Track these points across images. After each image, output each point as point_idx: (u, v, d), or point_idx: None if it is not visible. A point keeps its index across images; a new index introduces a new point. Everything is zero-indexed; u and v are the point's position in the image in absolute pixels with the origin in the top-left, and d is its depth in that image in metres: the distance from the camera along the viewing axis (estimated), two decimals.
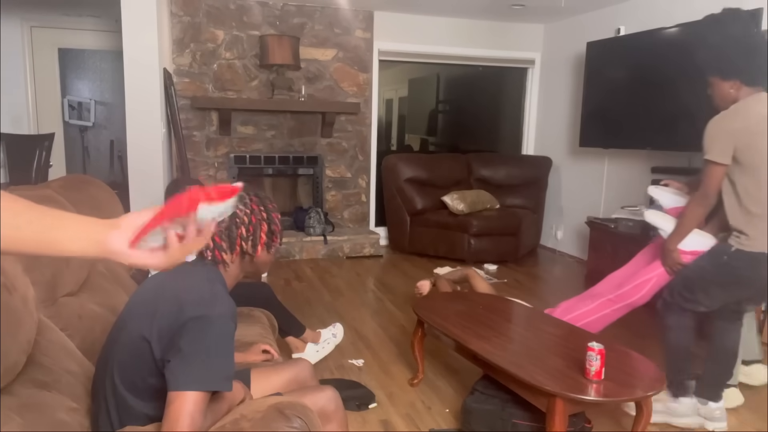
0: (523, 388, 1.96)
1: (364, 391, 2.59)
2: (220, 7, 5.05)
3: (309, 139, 5.51)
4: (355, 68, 5.52)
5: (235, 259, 1.39)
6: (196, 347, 1.17)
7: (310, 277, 4.61)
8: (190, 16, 4.98)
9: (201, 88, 5.09)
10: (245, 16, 5.13)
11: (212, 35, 5.06)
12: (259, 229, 1.39)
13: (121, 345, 1.28)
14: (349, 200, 5.76)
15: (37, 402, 1.22)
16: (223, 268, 1.39)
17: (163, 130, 3.98)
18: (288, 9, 5.24)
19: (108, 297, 1.92)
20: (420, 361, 2.71)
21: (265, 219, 1.40)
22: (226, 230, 1.36)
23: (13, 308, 1.15)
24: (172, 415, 1.13)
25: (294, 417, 1.28)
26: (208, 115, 5.16)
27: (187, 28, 4.98)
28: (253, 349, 2.05)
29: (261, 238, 1.39)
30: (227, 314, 1.24)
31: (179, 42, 4.97)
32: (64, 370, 1.40)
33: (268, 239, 1.40)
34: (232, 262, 1.39)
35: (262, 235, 1.39)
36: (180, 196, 0.80)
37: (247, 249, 1.38)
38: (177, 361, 1.17)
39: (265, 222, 1.39)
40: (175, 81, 4.84)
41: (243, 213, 1.36)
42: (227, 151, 5.26)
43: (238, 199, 1.18)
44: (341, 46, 5.45)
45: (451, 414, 2.45)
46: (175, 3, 4.91)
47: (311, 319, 3.30)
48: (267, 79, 5.22)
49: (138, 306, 1.32)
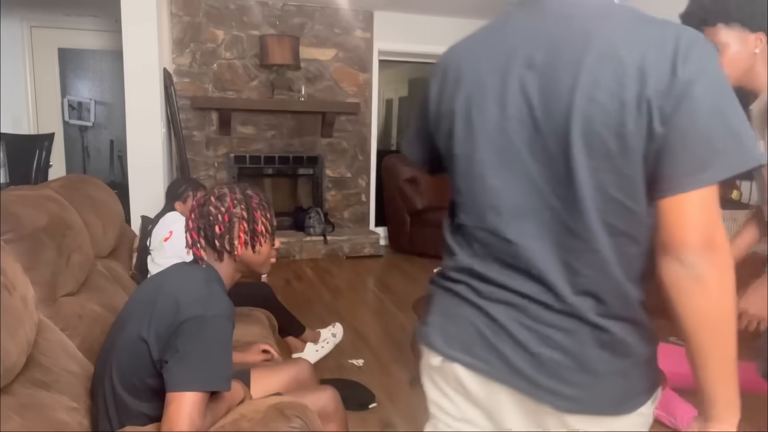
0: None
1: (364, 391, 2.58)
2: (220, 7, 5.05)
3: (309, 139, 5.51)
4: (355, 68, 5.52)
5: (216, 257, 1.39)
6: (193, 348, 1.18)
7: (310, 277, 4.61)
8: (190, 16, 4.98)
9: (201, 88, 5.09)
10: (245, 16, 5.13)
11: (212, 35, 5.06)
12: (237, 227, 1.37)
13: (120, 346, 1.28)
14: (349, 200, 5.76)
15: (37, 402, 1.22)
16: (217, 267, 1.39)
17: (163, 130, 3.98)
18: (288, 9, 5.24)
19: (108, 297, 1.92)
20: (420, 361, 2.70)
21: (245, 218, 1.38)
22: (204, 228, 1.36)
23: (13, 308, 1.15)
24: (171, 416, 1.13)
25: (294, 417, 1.28)
26: (208, 115, 5.15)
27: (187, 28, 4.98)
28: (253, 349, 2.05)
29: (239, 236, 1.37)
30: (224, 314, 1.24)
31: (179, 42, 4.97)
32: (64, 369, 1.40)
33: (248, 238, 1.39)
34: (216, 260, 1.39)
35: (240, 233, 1.37)
36: None
37: (225, 247, 1.37)
38: (175, 362, 1.17)
39: (244, 221, 1.38)
40: (175, 81, 4.84)
41: (217, 211, 1.36)
42: (227, 151, 5.26)
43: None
44: (341, 46, 5.45)
45: None
46: (175, 3, 4.91)
47: (311, 319, 3.30)
48: (267, 79, 5.22)
49: (136, 307, 1.33)
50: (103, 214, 2.17)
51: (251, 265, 1.44)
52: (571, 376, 0.85)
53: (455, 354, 0.94)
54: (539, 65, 0.82)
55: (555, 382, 0.85)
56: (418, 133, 1.06)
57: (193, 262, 1.39)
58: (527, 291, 0.86)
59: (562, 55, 0.80)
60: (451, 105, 0.92)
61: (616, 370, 0.85)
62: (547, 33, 0.83)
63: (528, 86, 0.82)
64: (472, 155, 0.90)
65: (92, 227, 1.99)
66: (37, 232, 1.55)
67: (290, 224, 5.49)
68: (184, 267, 1.39)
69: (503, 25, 0.90)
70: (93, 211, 2.06)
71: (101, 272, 2.04)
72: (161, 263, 2.39)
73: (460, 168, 0.93)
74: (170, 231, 2.46)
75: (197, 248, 1.37)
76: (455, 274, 0.96)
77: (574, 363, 0.84)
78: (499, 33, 0.90)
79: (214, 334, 1.20)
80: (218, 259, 1.39)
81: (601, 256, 0.81)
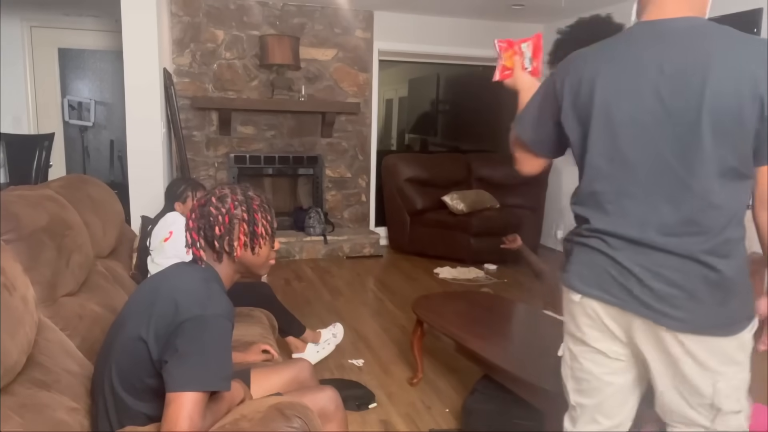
0: (524, 387, 1.96)
1: (364, 391, 2.58)
2: (220, 7, 5.05)
3: (309, 139, 5.51)
4: (355, 68, 5.52)
5: (215, 258, 1.39)
6: (192, 348, 1.17)
7: (310, 277, 4.61)
8: (190, 16, 4.98)
9: (201, 88, 5.09)
10: (245, 16, 5.13)
11: (212, 35, 5.06)
12: (236, 229, 1.37)
13: (119, 346, 1.28)
14: (349, 200, 5.76)
15: (37, 402, 1.22)
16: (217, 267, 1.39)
17: (163, 130, 3.98)
18: (288, 9, 5.24)
19: (108, 297, 1.92)
20: (419, 360, 2.71)
21: (245, 219, 1.37)
22: (204, 228, 1.36)
23: (13, 308, 1.15)
24: (171, 417, 1.13)
25: (294, 417, 1.28)
26: (208, 115, 5.15)
27: (187, 28, 4.98)
28: (253, 349, 2.05)
29: (239, 238, 1.37)
30: (223, 314, 1.24)
31: (179, 42, 4.97)
32: (64, 369, 1.40)
33: (248, 240, 1.38)
34: (215, 261, 1.39)
35: (240, 235, 1.37)
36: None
37: (225, 248, 1.37)
38: (174, 362, 1.17)
39: (244, 222, 1.37)
40: (175, 81, 4.84)
41: (218, 212, 1.35)
42: (227, 151, 5.26)
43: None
44: (341, 46, 5.45)
45: (451, 414, 2.45)
46: (175, 3, 4.91)
47: (311, 319, 3.30)
48: (267, 79, 5.22)
49: (135, 307, 1.32)
50: (103, 214, 2.16)
51: (250, 266, 1.43)
52: (682, 304, 1.16)
53: (592, 291, 1.26)
54: (669, 72, 1.14)
55: (670, 309, 1.16)
56: (538, 120, 1.38)
57: (193, 262, 1.39)
58: (649, 240, 1.17)
59: (690, 66, 1.12)
60: (588, 101, 1.23)
61: (719, 300, 1.14)
62: (673, 48, 1.15)
63: (660, 88, 1.15)
64: (611, 140, 1.21)
65: (92, 227, 1.98)
66: (37, 232, 1.55)
67: (290, 224, 5.49)
68: (183, 267, 1.39)
69: (628, 40, 1.24)
70: (93, 211, 2.06)
71: (101, 272, 2.04)
72: (161, 263, 2.39)
73: (599, 150, 1.23)
74: (170, 231, 2.46)
75: (197, 248, 1.37)
76: (588, 233, 1.28)
77: (684, 294, 1.15)
78: (627, 46, 1.23)
79: (213, 334, 1.20)
80: (217, 260, 1.38)
81: (716, 208, 1.13)
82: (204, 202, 1.38)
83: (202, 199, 1.39)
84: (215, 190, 1.40)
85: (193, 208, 1.39)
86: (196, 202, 1.40)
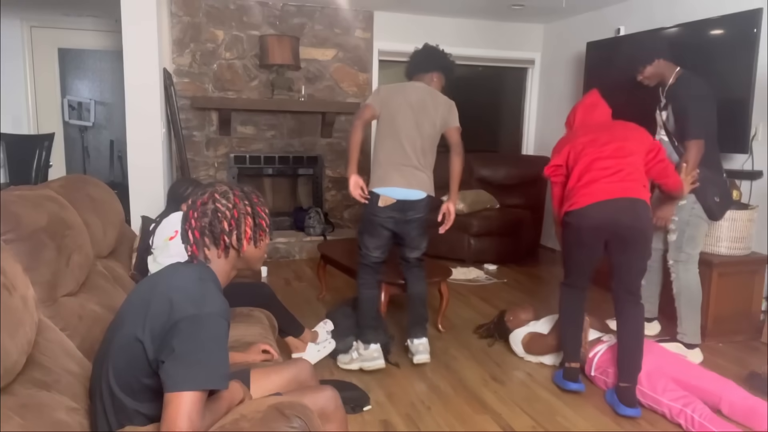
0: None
1: (359, 393, 2.57)
2: (220, 7, 5.05)
3: (309, 139, 5.51)
4: (355, 68, 5.52)
5: (221, 254, 1.39)
6: (189, 347, 1.17)
7: (310, 277, 4.61)
8: (190, 16, 4.98)
9: (201, 88, 5.09)
10: (245, 16, 5.13)
11: (212, 35, 5.06)
12: (243, 223, 1.38)
13: (116, 346, 1.28)
14: (349, 200, 5.75)
15: (37, 402, 1.22)
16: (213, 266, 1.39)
17: (163, 130, 3.98)
18: (288, 9, 5.24)
19: (108, 297, 1.92)
20: (323, 281, 4.00)
21: (250, 213, 1.39)
22: (209, 225, 1.36)
23: (13, 308, 1.15)
24: (170, 417, 1.12)
25: (294, 417, 1.28)
26: (208, 115, 5.16)
27: (187, 28, 4.98)
28: (253, 349, 2.05)
29: (246, 232, 1.38)
30: (219, 312, 1.23)
31: (179, 42, 4.97)
32: (64, 370, 1.40)
33: (253, 233, 1.40)
34: (218, 258, 1.39)
35: (246, 229, 1.38)
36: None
37: (232, 243, 1.37)
38: (171, 362, 1.16)
39: (249, 216, 1.39)
40: (175, 81, 4.84)
41: (225, 207, 1.36)
42: (227, 151, 5.26)
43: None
44: (341, 46, 5.45)
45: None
46: (175, 3, 4.91)
47: (311, 319, 3.29)
48: (267, 79, 5.22)
49: (131, 307, 1.32)
50: (103, 214, 2.16)
51: (251, 260, 1.44)
52: None
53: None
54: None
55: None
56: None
57: (188, 262, 1.39)
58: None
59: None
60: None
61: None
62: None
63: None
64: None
65: (92, 227, 1.99)
66: (37, 232, 1.55)
67: (290, 224, 5.49)
68: (179, 267, 1.39)
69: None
70: (93, 211, 2.06)
71: (101, 272, 2.04)
72: (163, 262, 2.38)
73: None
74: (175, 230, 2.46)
75: (196, 247, 1.37)
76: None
77: None
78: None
79: (209, 333, 1.20)
80: (223, 256, 1.38)
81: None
82: (206, 199, 1.38)
83: (204, 197, 1.38)
84: (215, 188, 1.40)
85: (194, 206, 1.39)
86: (198, 201, 1.39)
